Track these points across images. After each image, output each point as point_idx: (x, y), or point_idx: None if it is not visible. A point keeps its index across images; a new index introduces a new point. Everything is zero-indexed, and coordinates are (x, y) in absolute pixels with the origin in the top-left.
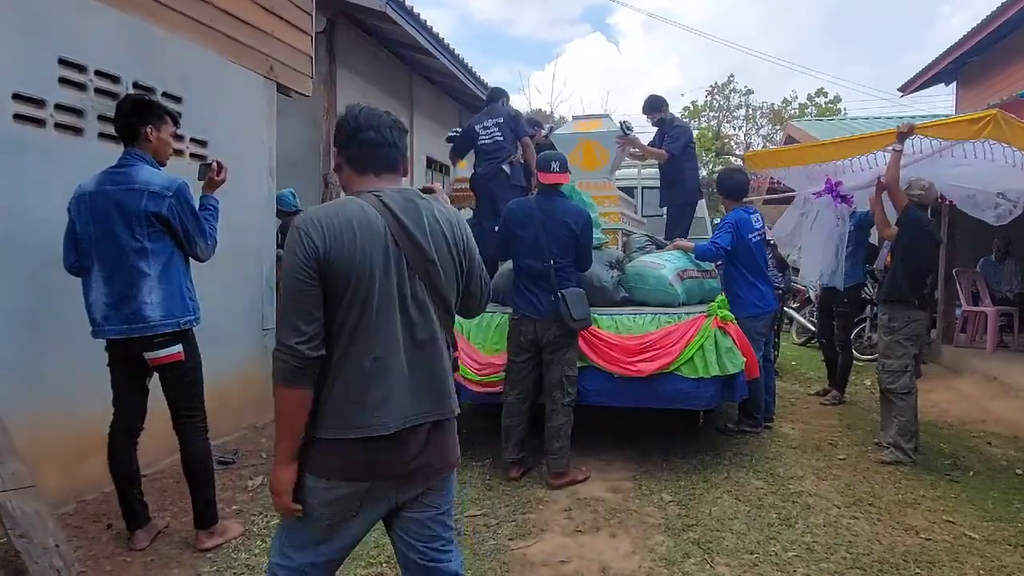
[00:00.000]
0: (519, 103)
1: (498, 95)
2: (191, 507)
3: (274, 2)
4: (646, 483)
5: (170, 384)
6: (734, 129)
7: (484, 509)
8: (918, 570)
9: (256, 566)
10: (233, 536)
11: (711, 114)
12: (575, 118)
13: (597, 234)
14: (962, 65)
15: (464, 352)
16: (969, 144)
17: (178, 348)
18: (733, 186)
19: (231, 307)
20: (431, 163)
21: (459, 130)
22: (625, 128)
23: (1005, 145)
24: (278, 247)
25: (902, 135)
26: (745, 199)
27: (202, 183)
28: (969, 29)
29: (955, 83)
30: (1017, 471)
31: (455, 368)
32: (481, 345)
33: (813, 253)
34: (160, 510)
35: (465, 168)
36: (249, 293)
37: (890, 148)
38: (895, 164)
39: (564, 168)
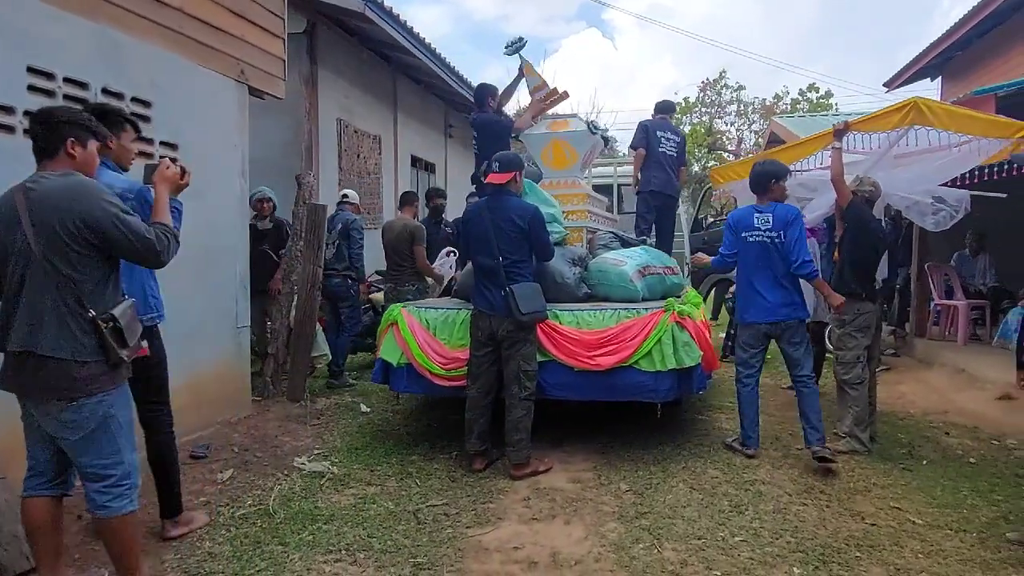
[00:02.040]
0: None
1: (481, 98)
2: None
3: (244, 7)
4: (606, 473)
5: (135, 379)
6: (726, 125)
7: (446, 499)
8: (858, 553)
9: (219, 554)
10: (198, 526)
11: (703, 110)
12: (544, 118)
13: (558, 229)
14: (947, 60)
15: (430, 347)
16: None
17: (143, 344)
18: (751, 178)
19: (205, 305)
20: (415, 161)
21: (522, 40)
22: (592, 128)
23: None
24: None
25: (839, 132)
26: (764, 193)
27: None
28: (952, 23)
29: (940, 78)
30: (970, 460)
31: (101, 320)
32: (447, 340)
33: None
34: None
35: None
36: (223, 291)
37: (831, 147)
38: (837, 160)
39: (506, 167)
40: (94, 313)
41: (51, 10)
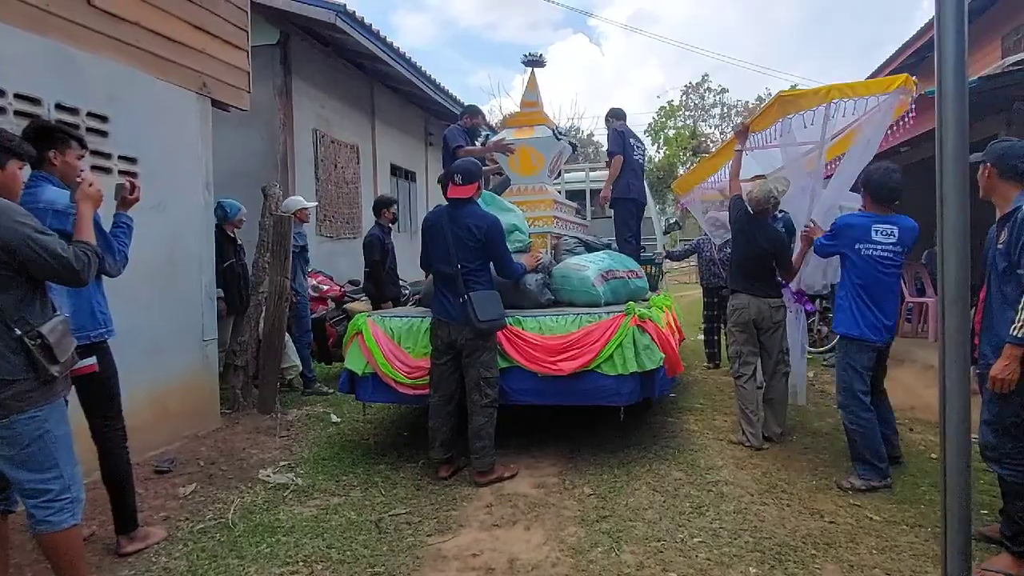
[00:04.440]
0: (493, 108)
1: (460, 116)
2: None
3: (205, 20)
4: (571, 477)
5: (86, 395)
6: (710, 128)
7: (409, 508)
8: (814, 551)
9: (174, 569)
10: (155, 541)
11: (687, 113)
12: (510, 125)
13: (521, 237)
14: (921, 59)
15: (394, 355)
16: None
17: (91, 360)
18: (877, 189)
19: (170, 318)
20: (395, 170)
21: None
22: (557, 134)
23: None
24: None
25: (740, 134)
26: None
27: (116, 201)
28: (923, 24)
29: (915, 77)
30: (932, 456)
31: (28, 338)
32: (411, 349)
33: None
34: (89, 519)
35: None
36: (188, 304)
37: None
38: (737, 161)
39: (468, 180)
40: (20, 332)
41: None
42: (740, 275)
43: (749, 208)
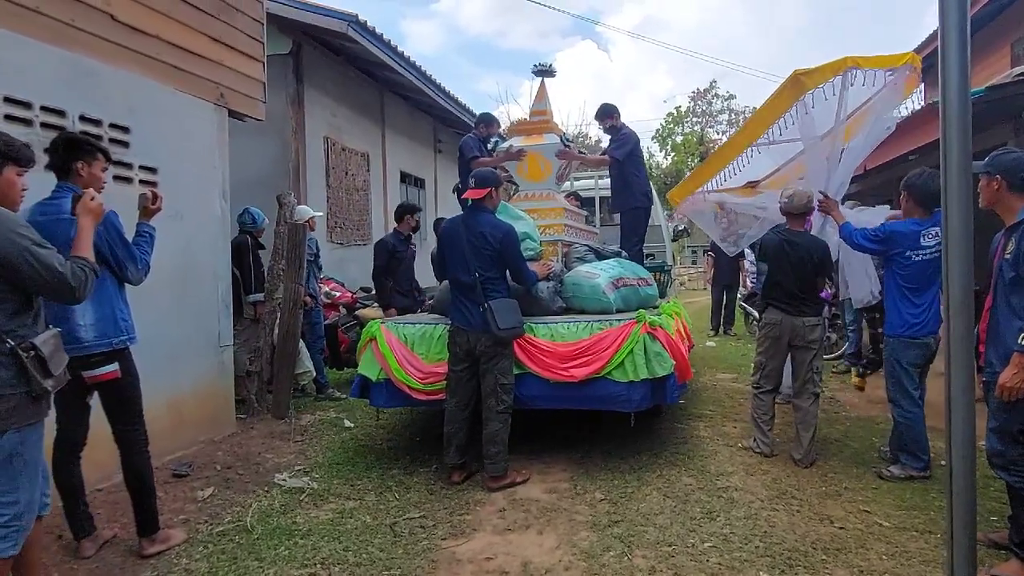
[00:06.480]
0: (501, 114)
1: (475, 125)
2: None
3: (222, 32)
4: (582, 483)
5: (108, 400)
6: (717, 134)
7: (423, 512)
8: (824, 557)
9: (195, 570)
10: (176, 543)
11: (694, 119)
12: (519, 132)
13: (532, 245)
14: (929, 66)
15: (408, 361)
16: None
17: (114, 367)
18: (921, 192)
19: (187, 325)
20: (404, 177)
21: (552, 68)
22: (565, 141)
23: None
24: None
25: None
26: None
27: (139, 211)
28: (931, 31)
29: (923, 84)
30: (942, 462)
31: (22, 349)
32: (424, 355)
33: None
34: (111, 521)
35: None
36: (204, 311)
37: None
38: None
39: (482, 183)
40: (12, 343)
41: (25, 40)
42: (776, 293)
43: (788, 209)
